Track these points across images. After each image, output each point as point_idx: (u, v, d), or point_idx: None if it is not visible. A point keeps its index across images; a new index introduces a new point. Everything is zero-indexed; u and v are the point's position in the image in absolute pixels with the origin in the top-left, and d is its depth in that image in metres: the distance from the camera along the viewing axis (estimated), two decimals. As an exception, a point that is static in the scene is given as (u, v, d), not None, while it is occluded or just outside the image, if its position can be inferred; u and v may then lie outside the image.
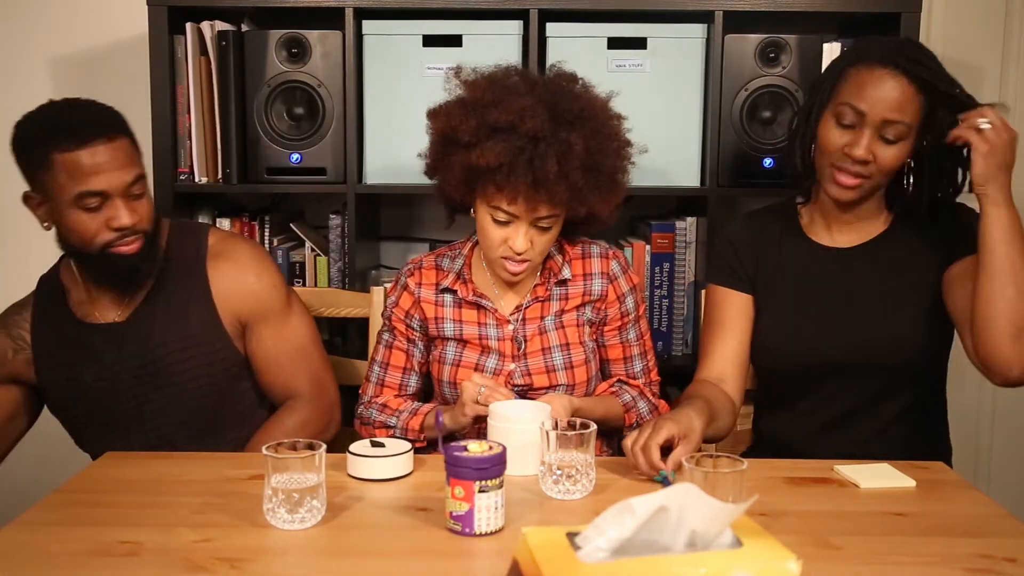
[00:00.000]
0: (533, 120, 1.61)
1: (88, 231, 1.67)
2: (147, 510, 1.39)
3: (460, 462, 1.31)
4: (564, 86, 1.72)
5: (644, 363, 1.88)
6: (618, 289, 1.83)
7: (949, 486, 1.54)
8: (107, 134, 1.66)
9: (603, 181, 1.68)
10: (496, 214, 1.68)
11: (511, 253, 1.70)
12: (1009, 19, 2.64)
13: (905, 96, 1.62)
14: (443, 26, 2.25)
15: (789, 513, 1.40)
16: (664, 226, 2.36)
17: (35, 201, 1.72)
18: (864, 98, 1.63)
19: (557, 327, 1.80)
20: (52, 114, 1.71)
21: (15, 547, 1.28)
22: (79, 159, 1.63)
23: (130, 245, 1.70)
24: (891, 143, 1.64)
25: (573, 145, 1.63)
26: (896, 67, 1.62)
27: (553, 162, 1.61)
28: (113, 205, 1.67)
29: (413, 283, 1.83)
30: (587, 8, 2.26)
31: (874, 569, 1.24)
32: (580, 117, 1.66)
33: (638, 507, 0.98)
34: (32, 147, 1.67)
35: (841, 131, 1.67)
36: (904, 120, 1.62)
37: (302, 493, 1.32)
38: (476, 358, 1.79)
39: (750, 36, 2.25)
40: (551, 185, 1.62)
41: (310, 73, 2.26)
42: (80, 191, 1.64)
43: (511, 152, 1.61)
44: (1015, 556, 1.27)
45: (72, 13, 2.59)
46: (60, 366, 1.79)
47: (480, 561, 1.27)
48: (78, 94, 2.63)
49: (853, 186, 1.68)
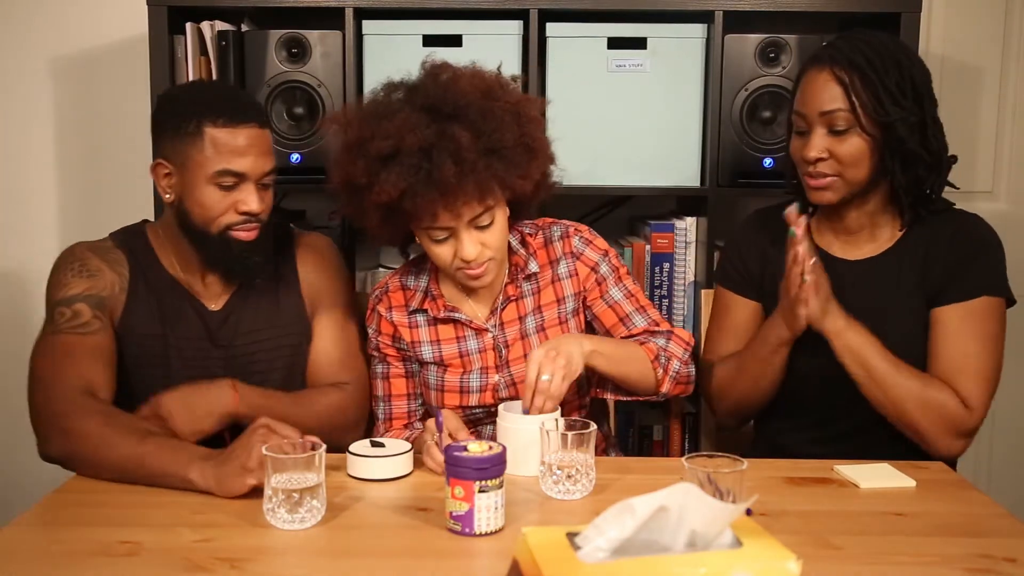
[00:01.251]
0: (412, 135, 1.56)
1: (216, 209, 1.66)
2: (147, 510, 1.39)
3: (460, 462, 1.31)
4: (437, 80, 1.64)
5: (646, 317, 1.79)
6: (588, 261, 1.78)
7: (949, 486, 1.54)
8: (259, 120, 1.68)
9: (513, 155, 1.62)
10: (432, 234, 1.64)
11: (464, 264, 1.65)
12: (1009, 19, 2.64)
13: (834, 83, 1.63)
14: (443, 26, 2.25)
15: (789, 513, 1.40)
16: (664, 226, 2.36)
17: (165, 170, 1.69)
18: (804, 102, 1.67)
19: (538, 329, 1.76)
20: (210, 89, 1.77)
21: (15, 547, 1.28)
22: (231, 137, 1.64)
23: (249, 232, 1.69)
24: (841, 133, 1.64)
25: (460, 139, 1.56)
26: (821, 61, 1.65)
27: (449, 164, 1.54)
28: (246, 189, 1.67)
29: (384, 309, 1.79)
30: (587, 8, 2.26)
31: (874, 569, 1.24)
32: (458, 107, 1.59)
33: (638, 507, 0.98)
34: (184, 115, 1.65)
35: (799, 140, 1.70)
36: (841, 107, 1.63)
37: (302, 493, 1.32)
38: (458, 380, 1.74)
39: (750, 36, 2.25)
40: (458, 187, 1.55)
41: (310, 73, 2.26)
42: (222, 168, 1.64)
43: (406, 175, 1.55)
44: (1015, 556, 1.27)
45: (72, 13, 2.59)
46: (151, 321, 1.72)
47: (480, 561, 1.27)
48: (78, 94, 2.65)
49: (822, 187, 1.68)
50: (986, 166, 2.70)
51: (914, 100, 1.64)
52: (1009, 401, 2.75)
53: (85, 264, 1.72)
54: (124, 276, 1.73)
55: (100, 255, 1.74)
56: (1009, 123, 2.69)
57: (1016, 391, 2.76)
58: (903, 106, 1.62)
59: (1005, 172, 2.71)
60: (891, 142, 1.64)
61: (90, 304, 1.68)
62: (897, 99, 1.62)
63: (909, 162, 1.66)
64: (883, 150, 1.65)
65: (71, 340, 1.64)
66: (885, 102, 1.62)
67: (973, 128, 2.67)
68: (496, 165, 1.59)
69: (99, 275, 1.71)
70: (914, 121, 1.64)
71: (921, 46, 2.27)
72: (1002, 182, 2.72)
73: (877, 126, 1.63)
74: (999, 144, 2.69)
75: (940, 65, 2.62)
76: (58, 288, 1.70)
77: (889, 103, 1.62)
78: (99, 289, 1.70)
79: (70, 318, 1.66)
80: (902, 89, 1.63)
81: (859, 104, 1.62)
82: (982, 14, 2.63)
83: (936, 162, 1.68)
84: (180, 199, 1.69)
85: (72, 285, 1.69)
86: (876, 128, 1.63)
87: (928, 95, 1.67)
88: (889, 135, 1.64)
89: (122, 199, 2.62)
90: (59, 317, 1.66)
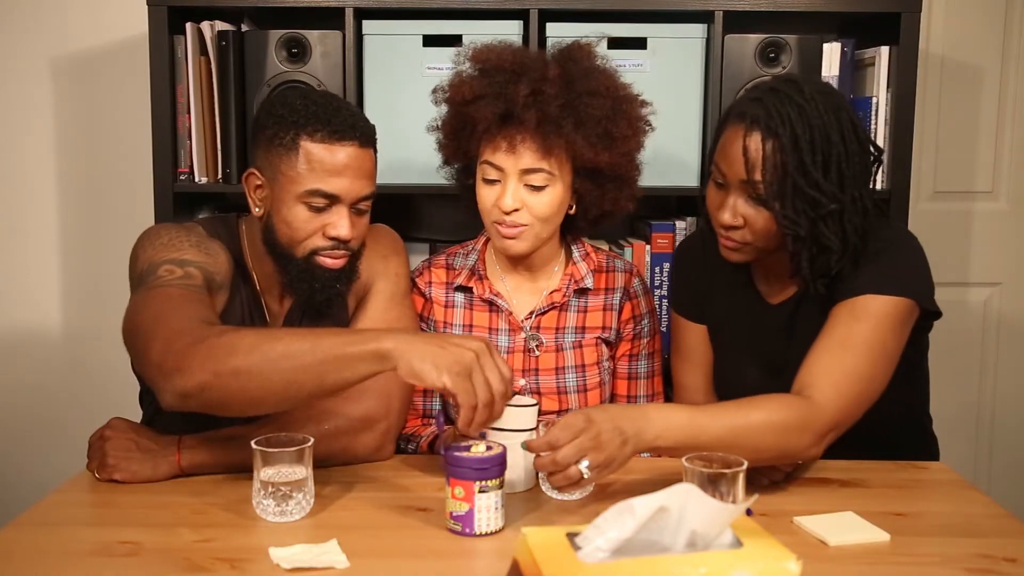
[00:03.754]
0: (514, 55, 1.62)
1: (303, 230, 1.55)
2: (147, 510, 1.39)
3: (460, 462, 1.31)
4: (574, 54, 1.68)
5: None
6: (636, 309, 1.78)
7: (949, 486, 1.54)
8: (362, 139, 1.56)
9: (588, 123, 1.60)
10: (486, 170, 1.65)
11: (502, 216, 1.65)
12: (1009, 19, 2.64)
13: (757, 151, 1.52)
14: (443, 26, 2.25)
15: (789, 513, 1.40)
16: (664, 226, 2.35)
17: (257, 182, 1.59)
18: (725, 159, 1.57)
19: (575, 346, 1.75)
20: (313, 100, 1.58)
21: (15, 547, 1.28)
22: (327, 153, 1.53)
23: (337, 259, 1.58)
24: (760, 202, 1.54)
25: (548, 72, 1.59)
26: (747, 120, 1.54)
27: (526, 88, 1.59)
28: (338, 212, 1.55)
29: (423, 283, 1.78)
30: (587, 8, 2.26)
31: (874, 569, 1.24)
32: (565, 56, 1.64)
33: (638, 507, 0.98)
34: (282, 125, 1.55)
35: (715, 192, 1.63)
36: (760, 180, 1.52)
37: (290, 486, 1.34)
38: None
39: (750, 36, 2.25)
40: (522, 113, 1.58)
41: (310, 73, 2.26)
42: (314, 187, 1.53)
43: (486, 85, 1.61)
44: (1015, 556, 1.27)
45: (72, 13, 2.59)
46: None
47: (480, 561, 1.27)
48: (78, 94, 2.65)
49: (732, 248, 1.62)
50: (986, 166, 2.70)
51: (838, 184, 1.52)
52: (1009, 401, 2.76)
53: (203, 241, 1.59)
54: (230, 271, 1.61)
55: (210, 240, 1.61)
56: (1009, 123, 2.68)
57: (1016, 391, 2.76)
58: (823, 190, 1.51)
59: (1005, 172, 2.71)
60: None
61: (205, 275, 1.53)
62: (818, 183, 1.50)
63: (819, 248, 1.55)
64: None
65: (185, 293, 1.46)
66: (805, 188, 1.50)
67: (973, 128, 2.67)
68: (570, 117, 1.60)
69: (215, 256, 1.59)
70: (832, 210, 1.52)
71: (921, 46, 2.26)
72: (1002, 182, 2.72)
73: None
74: (999, 144, 2.69)
75: (940, 65, 2.62)
76: (167, 249, 1.54)
77: (808, 187, 1.50)
78: (214, 268, 1.56)
79: (182, 276, 1.49)
80: (827, 172, 1.51)
81: (777, 185, 1.51)
82: (982, 14, 2.63)
83: (846, 249, 1.55)
84: (269, 214, 1.59)
85: (187, 251, 1.55)
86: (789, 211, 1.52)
87: (854, 175, 1.54)
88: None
89: (122, 199, 2.62)
90: (167, 274, 1.49)
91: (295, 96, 1.60)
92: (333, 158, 1.53)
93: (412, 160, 2.28)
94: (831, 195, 1.51)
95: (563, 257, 1.80)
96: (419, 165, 2.27)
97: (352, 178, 1.55)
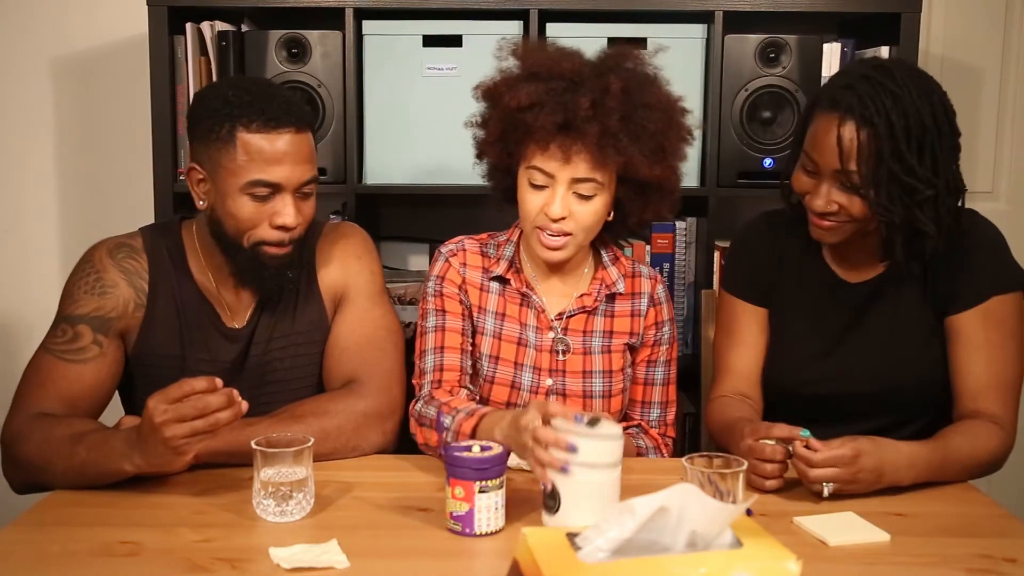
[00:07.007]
0: (570, 62, 1.59)
1: (248, 221, 1.56)
2: (147, 510, 1.39)
3: (460, 462, 1.31)
4: (629, 63, 1.66)
5: (662, 413, 1.78)
6: (659, 315, 1.77)
7: (949, 486, 1.54)
8: (298, 124, 1.55)
9: (644, 136, 1.59)
10: (533, 175, 1.62)
11: (547, 222, 1.62)
12: (1009, 19, 2.64)
13: (851, 141, 1.52)
14: (443, 26, 2.25)
15: (789, 513, 1.40)
16: (664, 226, 2.35)
17: (199, 176, 1.58)
18: (817, 148, 1.58)
19: (603, 350, 1.73)
20: (245, 88, 1.57)
21: (15, 547, 1.28)
22: (265, 143, 1.52)
23: (281, 249, 1.59)
24: (853, 190, 1.55)
25: (610, 85, 1.56)
26: (840, 108, 1.54)
27: (587, 100, 1.55)
28: (283, 200, 1.56)
29: (458, 262, 1.74)
30: (587, 8, 2.26)
31: (874, 569, 1.24)
32: (620, 64, 1.62)
33: (638, 507, 0.99)
34: (216, 117, 1.53)
35: (806, 177, 1.62)
36: (855, 170, 1.53)
37: (290, 487, 1.34)
38: (511, 375, 1.70)
39: (750, 36, 2.25)
40: (582, 125, 1.55)
41: (310, 73, 2.26)
42: (255, 178, 1.53)
43: (544, 92, 1.57)
44: (1015, 556, 1.27)
45: (72, 13, 2.59)
46: (169, 342, 1.64)
47: (480, 561, 1.27)
48: (78, 94, 2.65)
49: (826, 229, 1.62)
50: (986, 166, 2.70)
51: (932, 169, 1.53)
52: (1009, 401, 2.76)
53: (101, 277, 1.63)
54: (142, 291, 1.64)
55: (120, 263, 1.65)
56: (1009, 123, 2.69)
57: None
58: (918, 177, 1.52)
59: (1005, 172, 2.71)
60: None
61: (93, 327, 1.60)
62: (913, 170, 1.52)
63: (914, 233, 1.58)
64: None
65: (56, 366, 1.57)
66: (900, 176, 1.51)
67: (973, 128, 2.66)
68: (628, 131, 1.59)
69: (112, 292, 1.62)
70: (928, 196, 1.54)
71: (921, 46, 2.27)
72: (1002, 182, 2.72)
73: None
74: (999, 144, 2.69)
75: (940, 65, 2.62)
76: (68, 302, 1.62)
77: (904, 175, 1.51)
78: (108, 310, 1.61)
79: (68, 339, 1.59)
80: (921, 158, 1.52)
81: (872, 174, 1.52)
82: (982, 14, 2.63)
83: (940, 232, 1.58)
84: (213, 207, 1.59)
85: (81, 302, 1.61)
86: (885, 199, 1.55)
87: (947, 158, 1.55)
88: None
89: (122, 199, 2.62)
90: (60, 335, 1.60)
91: (226, 86, 1.59)
92: (272, 147, 1.53)
93: (412, 160, 2.28)
94: (926, 181, 1.53)
95: (592, 260, 1.78)
96: (419, 165, 2.27)
97: (292, 164, 1.54)
